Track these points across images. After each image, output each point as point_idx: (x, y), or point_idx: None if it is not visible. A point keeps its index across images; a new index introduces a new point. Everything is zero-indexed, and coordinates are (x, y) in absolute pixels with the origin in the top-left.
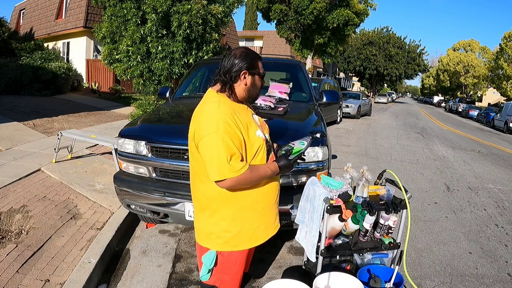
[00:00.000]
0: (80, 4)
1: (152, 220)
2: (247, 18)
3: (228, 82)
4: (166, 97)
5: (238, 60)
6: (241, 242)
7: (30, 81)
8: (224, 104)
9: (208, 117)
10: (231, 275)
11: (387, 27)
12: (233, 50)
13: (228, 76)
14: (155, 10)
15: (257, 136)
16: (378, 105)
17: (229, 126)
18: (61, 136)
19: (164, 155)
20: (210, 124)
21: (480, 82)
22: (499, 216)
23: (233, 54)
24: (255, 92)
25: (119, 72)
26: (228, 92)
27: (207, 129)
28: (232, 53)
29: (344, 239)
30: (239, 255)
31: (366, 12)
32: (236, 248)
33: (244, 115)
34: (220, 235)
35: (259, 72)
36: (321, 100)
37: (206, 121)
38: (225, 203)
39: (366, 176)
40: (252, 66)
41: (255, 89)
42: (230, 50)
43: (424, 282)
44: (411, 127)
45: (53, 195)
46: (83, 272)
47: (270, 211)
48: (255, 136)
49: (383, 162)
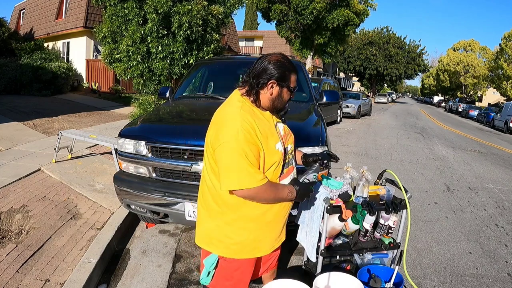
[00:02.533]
0: (80, 4)
1: (152, 220)
2: (247, 18)
3: (254, 87)
4: (166, 97)
5: (271, 67)
6: (243, 251)
7: (30, 81)
8: (246, 111)
9: (228, 123)
10: (232, 282)
11: (387, 27)
12: (271, 54)
13: (256, 81)
14: (156, 11)
15: (276, 149)
16: (378, 105)
17: (250, 135)
18: (61, 136)
19: (164, 155)
20: (230, 131)
21: (480, 82)
22: (499, 216)
23: (268, 59)
24: (280, 104)
25: (119, 72)
26: (253, 97)
27: (226, 135)
28: (268, 57)
29: (344, 239)
30: (242, 263)
31: (366, 12)
32: (237, 256)
33: (266, 124)
34: (222, 240)
35: (289, 86)
36: (321, 100)
37: (226, 127)
38: (233, 209)
39: (366, 176)
40: (283, 77)
41: (280, 102)
42: (268, 54)
43: (424, 282)
44: (411, 127)
45: (53, 195)
46: (83, 272)
47: (277, 225)
48: (274, 149)
49: (383, 162)
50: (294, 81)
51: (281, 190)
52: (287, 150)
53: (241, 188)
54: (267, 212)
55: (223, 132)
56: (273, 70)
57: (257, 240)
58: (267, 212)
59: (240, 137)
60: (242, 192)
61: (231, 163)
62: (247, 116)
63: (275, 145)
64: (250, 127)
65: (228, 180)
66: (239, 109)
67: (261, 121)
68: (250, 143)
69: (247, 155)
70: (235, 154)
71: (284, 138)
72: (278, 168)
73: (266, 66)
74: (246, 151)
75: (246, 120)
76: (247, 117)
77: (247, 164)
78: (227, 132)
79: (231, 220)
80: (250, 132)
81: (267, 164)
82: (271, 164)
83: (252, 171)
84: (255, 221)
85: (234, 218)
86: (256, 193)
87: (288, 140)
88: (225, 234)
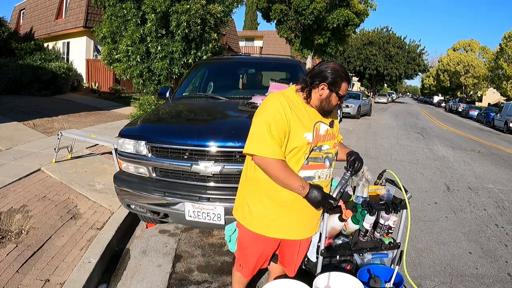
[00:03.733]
0: (80, 4)
1: (152, 220)
2: (247, 18)
3: (308, 85)
4: (166, 97)
5: (328, 71)
6: (254, 223)
7: (30, 81)
8: (287, 98)
9: (266, 102)
10: (243, 251)
11: (387, 27)
12: (332, 62)
13: (311, 80)
14: (154, 10)
15: (303, 136)
16: (378, 105)
17: (279, 114)
18: (61, 136)
19: (164, 155)
20: (264, 108)
21: (480, 82)
22: (499, 216)
23: (327, 65)
24: (327, 106)
25: (119, 72)
26: (306, 94)
27: (261, 110)
28: (328, 63)
29: (344, 239)
30: (253, 237)
31: (366, 12)
32: (250, 227)
33: (304, 115)
34: (243, 207)
35: (337, 92)
36: None
37: (263, 105)
38: (254, 182)
39: (366, 176)
40: (334, 83)
41: (327, 104)
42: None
43: (424, 282)
44: (411, 127)
45: (53, 195)
46: (83, 272)
47: (294, 214)
48: (301, 135)
49: (383, 162)
50: (344, 90)
51: (294, 178)
52: (322, 148)
53: (256, 153)
54: (282, 194)
55: (260, 108)
56: (328, 74)
57: (270, 219)
58: (282, 194)
59: (270, 113)
60: (256, 159)
61: (256, 131)
62: (285, 101)
63: (304, 133)
64: (282, 108)
65: (248, 144)
66: (281, 94)
67: (299, 110)
68: (277, 120)
69: (270, 128)
70: (262, 124)
71: (323, 137)
72: (299, 155)
73: (323, 69)
74: (271, 125)
75: (282, 102)
76: (284, 101)
77: (268, 135)
78: (262, 108)
79: (252, 191)
80: (280, 112)
81: (289, 146)
82: (293, 147)
83: (270, 142)
84: (270, 199)
85: (254, 189)
86: (268, 165)
87: (328, 141)
88: (246, 202)
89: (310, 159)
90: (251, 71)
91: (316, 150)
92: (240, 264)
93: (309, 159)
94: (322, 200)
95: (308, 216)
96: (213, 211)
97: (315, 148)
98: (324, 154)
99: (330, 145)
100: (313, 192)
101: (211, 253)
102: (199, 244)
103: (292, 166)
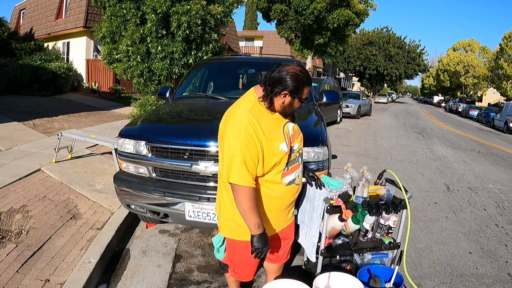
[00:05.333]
0: (80, 4)
1: (152, 220)
2: (247, 18)
3: (269, 94)
4: (166, 97)
5: (287, 78)
6: (242, 231)
7: (30, 81)
8: (254, 113)
9: (235, 122)
10: (236, 260)
11: (387, 27)
12: (290, 65)
13: (271, 89)
14: (155, 11)
15: (279, 149)
16: (378, 105)
17: (251, 137)
18: (61, 136)
19: (164, 155)
20: (234, 130)
21: (480, 82)
22: (499, 216)
23: (285, 70)
24: (289, 111)
25: (119, 72)
26: (268, 104)
27: (231, 133)
28: (286, 68)
29: (344, 239)
30: (244, 245)
31: (366, 12)
32: (239, 237)
33: (273, 126)
34: (227, 223)
35: (300, 97)
36: (321, 100)
37: (232, 126)
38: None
39: (366, 176)
40: (296, 90)
41: (290, 109)
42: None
43: (424, 282)
44: (411, 127)
45: (53, 195)
46: (83, 272)
47: (279, 214)
48: (277, 150)
49: (383, 162)
50: (306, 93)
51: (255, 213)
52: (294, 149)
53: (229, 181)
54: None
55: (230, 129)
56: (289, 82)
57: None
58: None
59: (242, 138)
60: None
61: (229, 157)
62: (253, 119)
63: (279, 146)
64: (253, 129)
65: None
66: (248, 111)
67: (268, 123)
68: (250, 144)
69: (243, 155)
70: (234, 151)
71: (292, 137)
72: (281, 165)
73: (283, 76)
74: (244, 151)
75: (251, 123)
76: (253, 120)
77: (240, 162)
78: (233, 130)
79: (232, 206)
80: (252, 135)
81: (268, 162)
82: (274, 162)
83: (241, 170)
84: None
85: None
86: (236, 189)
87: (296, 139)
88: (230, 218)
89: (289, 163)
90: (251, 71)
91: (291, 153)
92: (234, 270)
93: (289, 164)
94: (262, 247)
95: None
96: (213, 211)
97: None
98: (297, 154)
99: (299, 141)
100: (262, 237)
101: (211, 253)
102: (199, 244)
103: (275, 175)
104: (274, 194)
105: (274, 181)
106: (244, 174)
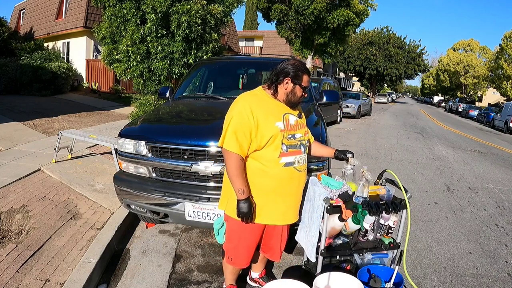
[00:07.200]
0: (80, 4)
1: (152, 220)
2: (247, 18)
3: (274, 82)
4: (166, 97)
5: (289, 67)
6: None
7: (30, 81)
8: (255, 95)
9: (237, 100)
10: (233, 244)
11: (387, 27)
12: (291, 59)
13: (275, 77)
14: (155, 10)
15: (275, 125)
16: (378, 105)
17: (245, 112)
18: (61, 136)
19: (164, 155)
20: (233, 106)
21: (480, 82)
22: (499, 216)
23: (287, 62)
24: (293, 98)
25: (119, 72)
26: (272, 90)
27: (230, 108)
28: (288, 61)
29: (344, 239)
30: (241, 226)
31: (366, 12)
32: (233, 216)
33: (273, 108)
34: (227, 200)
35: (300, 84)
36: (321, 100)
37: (233, 103)
38: None
39: (366, 176)
40: (296, 76)
41: (293, 96)
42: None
43: (424, 282)
44: (411, 127)
45: (53, 195)
46: (83, 272)
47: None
48: (273, 125)
49: (383, 162)
50: (306, 82)
51: (241, 179)
52: (296, 137)
53: (220, 145)
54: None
55: (231, 106)
56: (289, 70)
57: (257, 206)
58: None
59: (236, 111)
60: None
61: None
62: (253, 98)
63: (276, 122)
64: (249, 106)
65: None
66: (250, 93)
67: (268, 104)
68: (243, 117)
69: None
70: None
71: (294, 126)
72: (277, 142)
73: (285, 66)
74: (237, 122)
75: (248, 101)
76: (252, 99)
77: (234, 135)
78: (232, 106)
79: None
80: (246, 110)
81: (263, 135)
82: (269, 136)
83: (233, 137)
84: (255, 186)
85: None
86: (226, 154)
87: (299, 130)
88: (231, 194)
89: (289, 146)
90: (251, 71)
91: (291, 139)
92: (229, 256)
93: (288, 147)
94: (247, 212)
95: (291, 202)
96: (213, 211)
97: (289, 136)
98: (298, 142)
99: (302, 133)
100: (247, 202)
101: (211, 253)
102: (199, 244)
103: (272, 152)
104: (269, 172)
105: (270, 159)
106: (233, 141)
